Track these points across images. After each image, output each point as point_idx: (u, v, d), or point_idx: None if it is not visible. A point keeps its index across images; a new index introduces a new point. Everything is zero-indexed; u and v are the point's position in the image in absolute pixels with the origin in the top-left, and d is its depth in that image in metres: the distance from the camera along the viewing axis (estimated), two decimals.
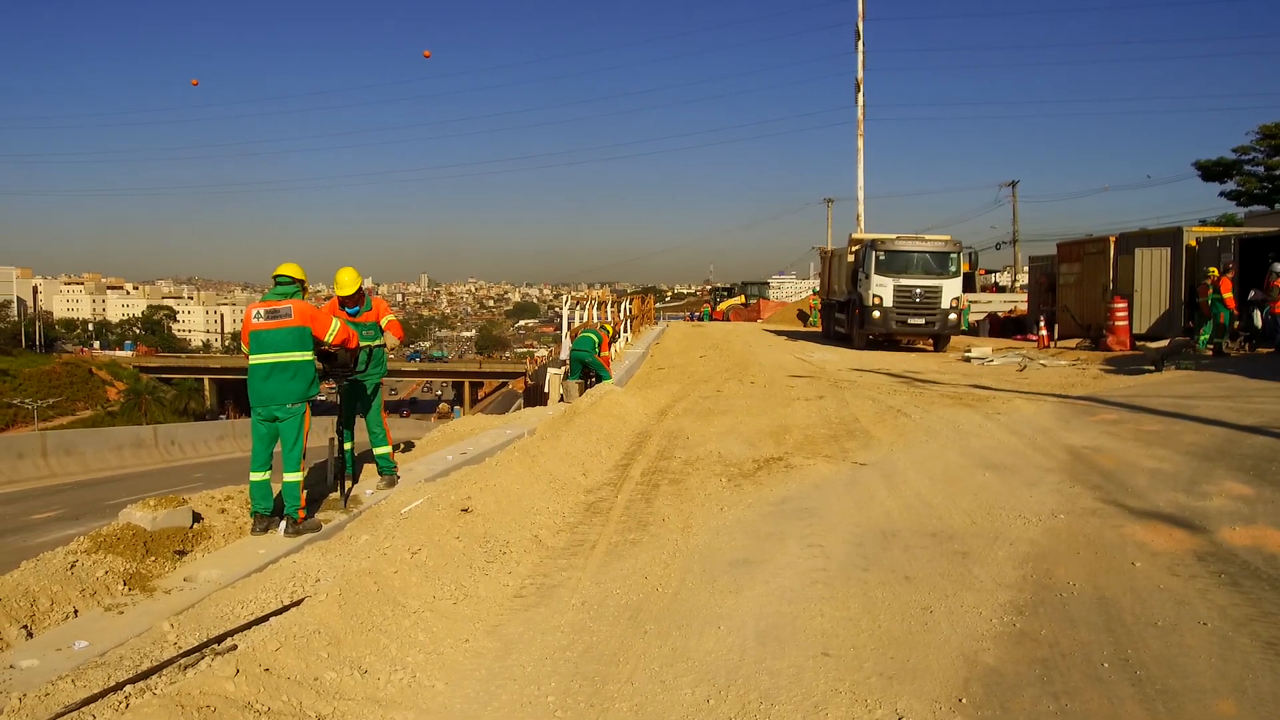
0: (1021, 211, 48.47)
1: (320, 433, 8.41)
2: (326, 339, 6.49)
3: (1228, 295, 16.10)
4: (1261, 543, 5.46)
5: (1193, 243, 19.34)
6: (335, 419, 7.76)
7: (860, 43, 33.90)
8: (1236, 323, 16.48)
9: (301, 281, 6.51)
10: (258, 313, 6.29)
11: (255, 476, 6.24)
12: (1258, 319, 16.13)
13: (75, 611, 4.82)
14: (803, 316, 40.12)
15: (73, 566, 5.15)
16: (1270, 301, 15.79)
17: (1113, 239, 21.41)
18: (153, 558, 5.58)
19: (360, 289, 7.60)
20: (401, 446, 9.97)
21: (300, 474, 6.28)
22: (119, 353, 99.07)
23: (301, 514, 6.29)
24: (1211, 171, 34.63)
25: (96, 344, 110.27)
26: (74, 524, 14.03)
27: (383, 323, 7.72)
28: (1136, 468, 7.51)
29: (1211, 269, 16.89)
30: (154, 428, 32.84)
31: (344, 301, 7.51)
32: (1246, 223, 35.19)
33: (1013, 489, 7.13)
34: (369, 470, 8.07)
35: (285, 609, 4.58)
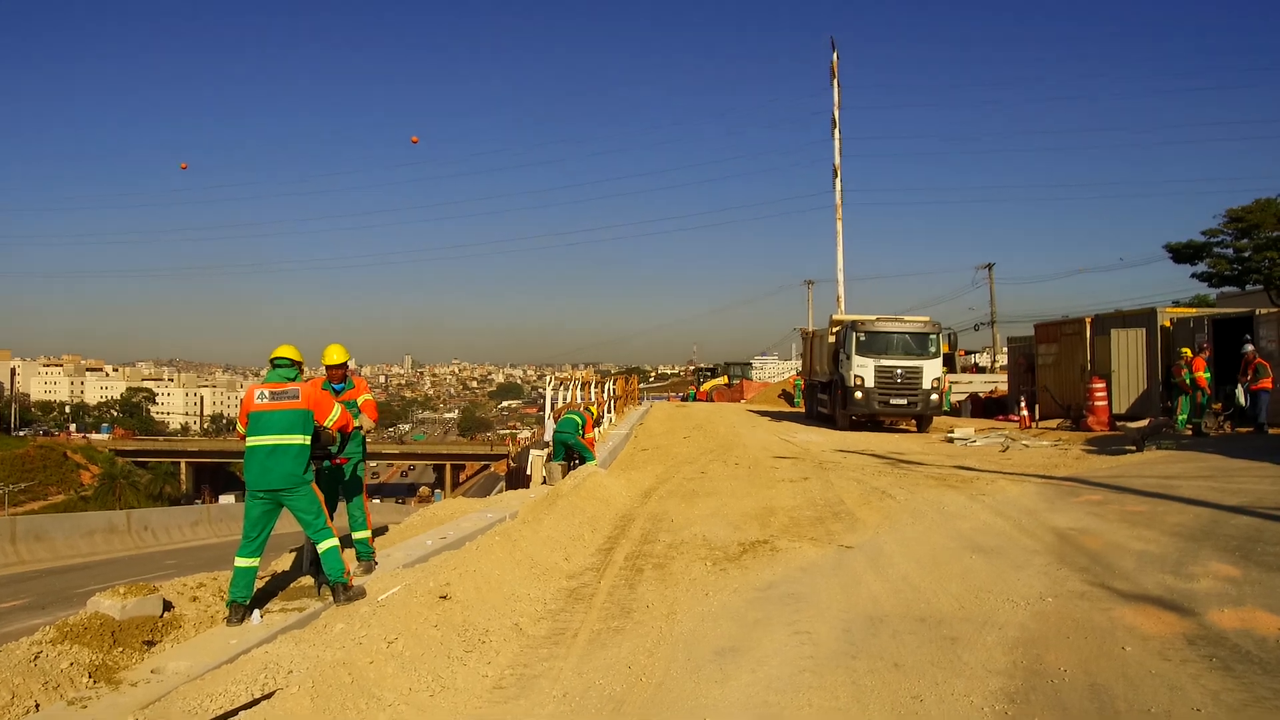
0: (998, 293, 49.50)
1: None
2: (326, 423, 6.49)
3: (1200, 374, 16.30)
4: (1251, 625, 5.41)
5: (1167, 323, 19.68)
6: None
7: (836, 130, 34.99)
8: (1217, 404, 16.65)
9: (300, 363, 6.52)
10: (261, 394, 6.25)
11: (241, 562, 6.04)
12: (1241, 397, 16.21)
13: (37, 705, 4.64)
14: (786, 397, 40.27)
15: (36, 658, 4.97)
16: (1252, 381, 15.97)
17: (1089, 320, 21.77)
18: (120, 648, 5.40)
19: (346, 363, 7.60)
20: (383, 532, 9.80)
21: (334, 540, 6.24)
22: (95, 435, 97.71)
23: (351, 580, 6.29)
24: (1182, 254, 35.39)
25: (73, 426, 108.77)
26: (40, 613, 13.64)
27: (359, 401, 7.67)
28: (1123, 549, 7.47)
29: (1185, 349, 17.14)
30: (127, 513, 32.20)
31: (330, 375, 7.50)
32: (1219, 303, 35.93)
33: (1000, 572, 7.06)
34: (347, 556, 7.89)
35: (255, 702, 4.42)
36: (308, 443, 6.29)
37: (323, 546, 6.22)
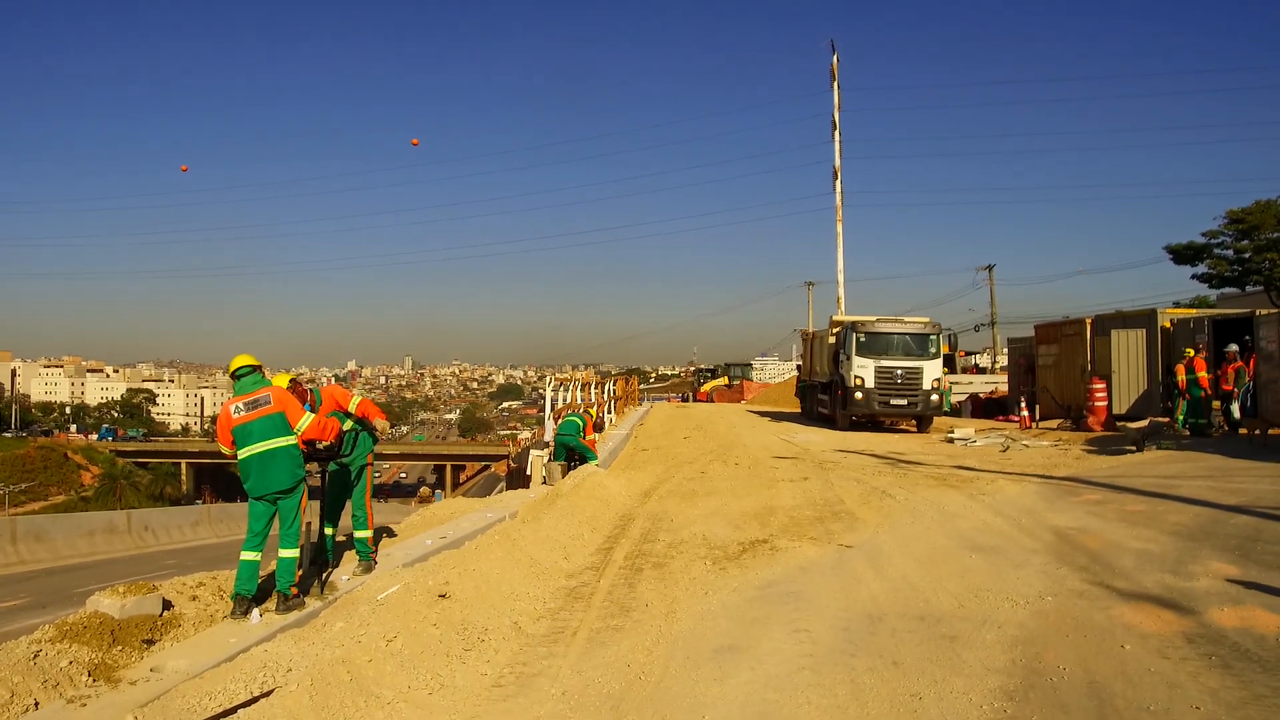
0: (998, 294, 49.45)
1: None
2: (296, 429, 6.39)
3: (1202, 375, 16.28)
4: (1250, 624, 5.41)
5: (1167, 324, 19.65)
6: (316, 503, 7.59)
7: (837, 133, 35.00)
8: (1217, 402, 16.63)
9: (259, 367, 6.48)
10: (237, 408, 6.26)
11: (246, 555, 6.15)
12: (1235, 411, 16.17)
13: (36, 704, 4.64)
14: (800, 394, 40.17)
15: (36, 656, 4.97)
16: (1236, 385, 15.98)
17: (1089, 320, 21.73)
18: (120, 647, 5.40)
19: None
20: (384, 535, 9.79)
21: (296, 551, 6.28)
22: (95, 437, 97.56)
23: (294, 590, 6.26)
24: (1182, 255, 35.33)
25: (73, 427, 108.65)
26: (40, 613, 13.65)
27: (351, 407, 7.53)
28: (1122, 548, 7.47)
29: (1188, 349, 17.11)
30: (127, 513, 32.20)
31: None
32: (1219, 304, 35.90)
33: (1000, 571, 7.06)
34: (347, 556, 7.90)
35: (254, 700, 4.42)
36: (295, 442, 6.32)
37: (284, 554, 6.26)
